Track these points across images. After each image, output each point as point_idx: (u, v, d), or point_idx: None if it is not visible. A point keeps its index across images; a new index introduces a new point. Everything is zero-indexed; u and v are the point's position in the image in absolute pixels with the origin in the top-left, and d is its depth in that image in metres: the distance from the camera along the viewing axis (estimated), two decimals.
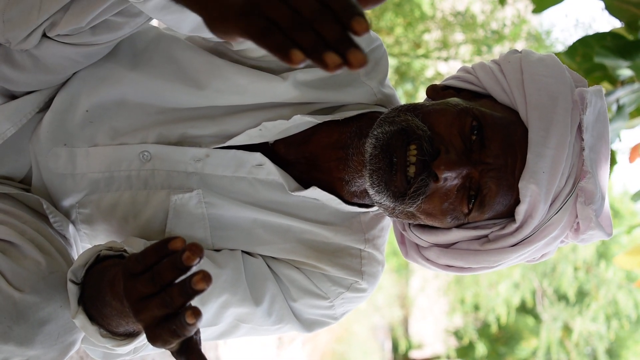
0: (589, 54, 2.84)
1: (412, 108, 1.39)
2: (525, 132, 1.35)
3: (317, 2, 0.83)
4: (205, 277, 0.98)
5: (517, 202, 1.35)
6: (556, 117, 1.34)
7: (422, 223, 1.42)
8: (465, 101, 1.40)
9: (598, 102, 1.39)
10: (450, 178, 1.31)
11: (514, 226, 1.37)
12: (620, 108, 2.94)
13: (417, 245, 1.50)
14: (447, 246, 1.44)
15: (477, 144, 1.33)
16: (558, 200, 1.35)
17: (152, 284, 1.03)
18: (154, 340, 1.05)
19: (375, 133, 1.36)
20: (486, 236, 1.41)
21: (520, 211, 1.35)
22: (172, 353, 1.11)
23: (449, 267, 1.47)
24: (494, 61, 1.48)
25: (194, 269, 1.01)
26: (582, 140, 1.35)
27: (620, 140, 3.23)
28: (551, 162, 1.32)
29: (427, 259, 1.48)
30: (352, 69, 0.80)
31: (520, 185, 1.33)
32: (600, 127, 1.39)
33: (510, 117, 1.37)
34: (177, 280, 1.02)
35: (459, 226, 1.40)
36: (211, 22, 0.88)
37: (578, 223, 1.38)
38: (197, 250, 1.00)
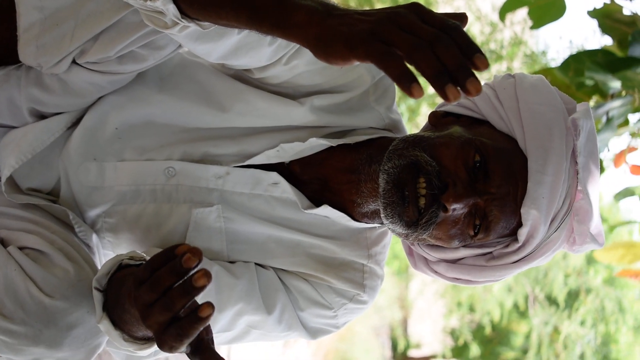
0: (580, 69, 2.85)
1: (418, 140, 1.40)
2: (524, 161, 1.36)
3: (436, 28, 0.88)
4: (206, 274, 1.00)
5: (520, 224, 1.37)
6: (552, 145, 1.35)
7: (431, 244, 1.44)
8: (466, 131, 1.41)
9: (588, 123, 1.40)
10: (458, 208, 1.33)
11: (517, 245, 1.39)
12: (609, 120, 2.94)
13: (425, 258, 1.52)
14: (454, 261, 1.47)
15: (481, 174, 1.35)
16: (556, 220, 1.38)
17: (152, 290, 1.05)
18: (161, 345, 1.07)
19: (386, 168, 1.37)
20: (491, 253, 1.44)
21: (523, 233, 1.37)
22: (187, 355, 1.13)
23: (456, 279, 1.49)
24: (489, 85, 1.48)
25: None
26: (577, 164, 1.38)
27: (608, 150, 3.23)
28: (550, 188, 1.34)
29: (436, 272, 1.50)
30: (470, 96, 0.84)
31: (522, 211, 1.35)
32: (590, 145, 1.41)
33: (509, 146, 1.39)
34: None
35: (465, 245, 1.42)
36: (326, 50, 0.91)
37: (574, 238, 1.41)
38: (197, 252, 1.02)
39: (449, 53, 0.86)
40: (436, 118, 1.51)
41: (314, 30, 0.92)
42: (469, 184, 1.35)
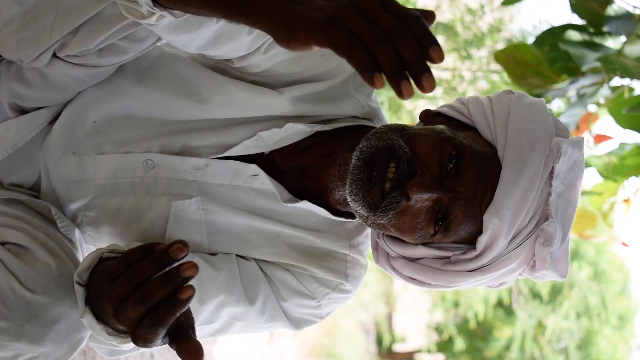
0: (555, 43, 2.87)
1: (400, 128, 1.41)
2: (499, 169, 1.35)
3: (397, 19, 0.87)
4: (195, 266, 0.99)
5: (480, 232, 1.36)
6: (530, 160, 1.34)
7: (392, 235, 1.44)
8: (450, 130, 1.41)
9: (575, 153, 1.39)
10: (420, 200, 1.33)
11: (474, 253, 1.38)
12: (580, 97, 2.96)
13: (387, 254, 1.52)
14: (413, 260, 1.46)
15: (453, 172, 1.34)
16: (519, 237, 1.36)
17: (128, 283, 1.04)
18: (135, 340, 1.06)
19: (361, 146, 1.37)
20: (448, 258, 1.42)
21: (482, 241, 1.36)
22: (169, 345, 1.11)
23: (410, 279, 1.48)
24: (489, 98, 1.48)
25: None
26: (551, 186, 1.36)
27: (577, 128, 3.27)
28: (517, 202, 1.32)
29: (393, 268, 1.49)
30: (425, 92, 0.83)
31: (484, 217, 1.34)
32: (573, 176, 1.40)
33: (489, 153, 1.38)
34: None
35: (425, 244, 1.42)
36: (287, 35, 0.91)
37: (534, 261, 1.39)
38: (186, 244, 1.01)
39: (408, 46, 0.86)
40: (427, 116, 1.52)
41: (277, 16, 0.92)
42: (438, 178, 1.34)
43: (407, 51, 0.86)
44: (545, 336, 11.55)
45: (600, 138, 3.24)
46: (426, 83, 0.84)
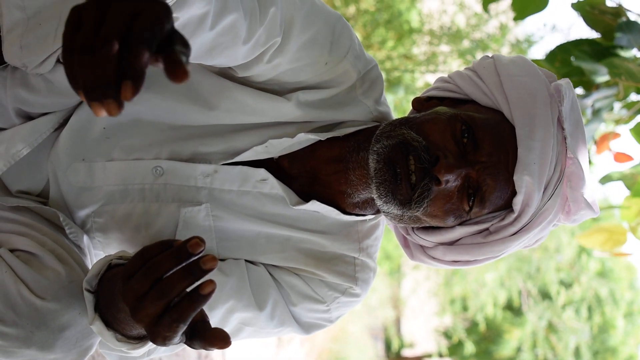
0: (567, 59, 2.89)
1: (405, 121, 1.43)
2: (512, 129, 1.39)
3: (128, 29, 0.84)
4: (215, 257, 0.99)
5: (514, 194, 1.39)
6: (538, 111, 1.38)
7: (426, 225, 1.46)
8: (452, 108, 1.44)
9: (570, 93, 1.44)
10: (451, 180, 1.35)
11: (513, 216, 1.41)
12: (596, 111, 2.97)
13: (422, 246, 1.53)
14: (452, 243, 1.48)
15: (471, 145, 1.38)
16: (550, 187, 1.40)
17: (146, 278, 1.03)
18: (154, 338, 1.05)
19: (376, 149, 1.40)
20: (487, 229, 1.45)
21: (518, 202, 1.39)
22: (186, 344, 1.11)
23: (455, 262, 1.50)
24: (469, 68, 1.52)
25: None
26: (563, 129, 1.40)
27: (595, 142, 3.27)
28: (540, 153, 1.36)
29: (434, 258, 1.52)
30: (125, 99, 0.81)
31: (515, 178, 1.37)
32: (575, 114, 1.44)
33: (496, 117, 1.41)
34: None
35: (461, 223, 1.44)
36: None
37: (569, 205, 1.44)
38: (203, 239, 1.01)
39: (105, 66, 0.82)
40: (420, 103, 1.54)
41: None
42: (460, 155, 1.37)
43: (99, 72, 0.82)
44: (557, 335, 11.54)
45: (620, 157, 3.23)
46: (102, 107, 0.81)
